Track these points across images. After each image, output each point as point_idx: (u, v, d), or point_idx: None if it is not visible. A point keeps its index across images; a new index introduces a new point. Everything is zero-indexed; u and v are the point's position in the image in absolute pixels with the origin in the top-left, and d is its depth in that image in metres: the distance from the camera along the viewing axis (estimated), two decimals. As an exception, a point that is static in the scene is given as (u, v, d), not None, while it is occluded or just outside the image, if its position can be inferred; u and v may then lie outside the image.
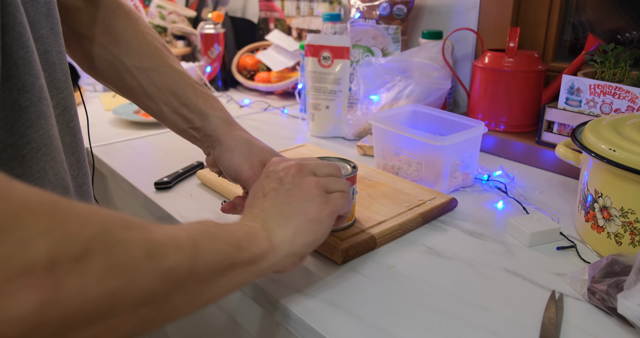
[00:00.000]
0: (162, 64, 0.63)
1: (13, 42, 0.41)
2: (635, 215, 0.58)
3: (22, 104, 0.42)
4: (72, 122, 0.52)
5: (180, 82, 0.63)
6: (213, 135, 0.63)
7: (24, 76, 0.42)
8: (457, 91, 1.20)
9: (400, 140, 0.84)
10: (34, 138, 0.44)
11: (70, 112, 0.51)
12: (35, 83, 0.43)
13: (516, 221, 0.68)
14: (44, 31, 0.47)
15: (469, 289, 0.57)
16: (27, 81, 0.42)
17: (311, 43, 1.06)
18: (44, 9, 0.46)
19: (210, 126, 0.63)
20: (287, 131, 1.17)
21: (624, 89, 0.79)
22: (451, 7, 1.17)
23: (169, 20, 1.64)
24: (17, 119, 0.42)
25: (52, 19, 0.48)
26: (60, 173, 0.48)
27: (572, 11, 1.06)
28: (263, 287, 0.58)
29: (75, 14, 0.61)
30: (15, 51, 0.41)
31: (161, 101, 0.63)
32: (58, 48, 0.49)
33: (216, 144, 0.63)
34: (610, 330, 0.51)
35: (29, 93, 0.43)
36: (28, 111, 0.43)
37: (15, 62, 0.41)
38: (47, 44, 0.47)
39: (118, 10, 0.63)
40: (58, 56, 0.49)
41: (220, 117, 0.63)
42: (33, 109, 0.43)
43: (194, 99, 0.63)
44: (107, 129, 1.17)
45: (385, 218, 0.69)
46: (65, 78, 0.50)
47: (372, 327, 0.51)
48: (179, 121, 0.64)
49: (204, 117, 0.63)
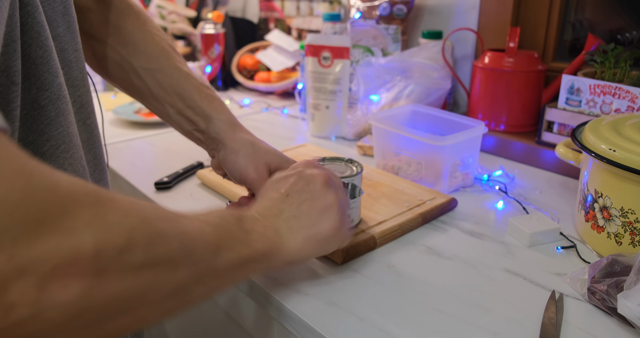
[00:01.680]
0: (169, 65, 0.63)
1: (32, 42, 0.41)
2: (635, 214, 0.58)
3: (41, 102, 0.43)
4: (88, 119, 0.52)
5: (185, 84, 0.63)
6: (217, 138, 0.63)
7: (42, 74, 0.43)
8: (457, 91, 1.20)
9: (400, 140, 0.84)
10: (53, 136, 0.44)
11: (87, 109, 0.52)
12: (54, 81, 0.44)
13: (516, 221, 0.68)
14: (61, 30, 0.47)
15: (469, 289, 0.57)
16: (45, 79, 0.43)
17: (311, 43, 1.06)
18: (61, 7, 0.47)
19: (215, 129, 0.63)
20: (287, 131, 1.17)
21: (624, 89, 0.79)
22: (451, 7, 1.17)
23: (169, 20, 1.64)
24: (37, 117, 0.43)
25: (68, 18, 0.48)
26: (79, 170, 0.48)
27: (572, 11, 1.06)
28: (263, 287, 0.58)
29: (86, 14, 0.61)
30: (34, 50, 0.42)
31: (167, 102, 0.63)
32: (74, 46, 0.49)
33: (220, 147, 0.63)
34: (610, 330, 0.51)
35: (48, 91, 0.43)
36: (47, 109, 0.43)
37: (34, 61, 0.42)
38: (64, 42, 0.48)
39: (127, 11, 0.64)
40: (75, 53, 0.49)
41: (224, 120, 0.63)
42: (52, 107, 0.43)
43: (199, 101, 0.63)
44: (107, 129, 1.17)
45: (385, 218, 0.69)
46: (82, 76, 0.51)
47: (372, 326, 0.51)
48: (184, 122, 0.64)
49: (208, 120, 0.63)
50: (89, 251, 0.27)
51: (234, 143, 0.62)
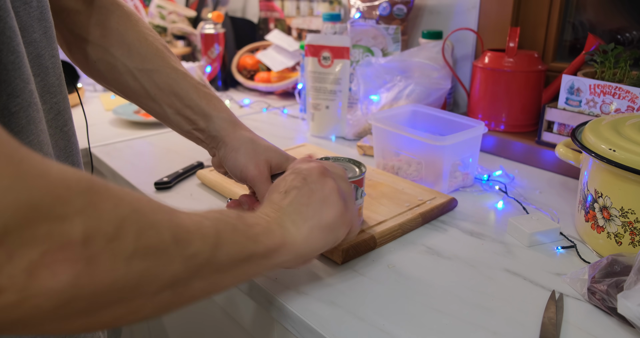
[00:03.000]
0: (164, 65, 0.63)
1: (3, 47, 0.40)
2: (635, 214, 0.58)
3: (11, 109, 0.41)
4: (65, 126, 0.51)
5: (182, 83, 0.63)
6: (217, 136, 0.63)
7: (14, 80, 0.41)
8: (457, 91, 1.20)
9: (400, 140, 0.84)
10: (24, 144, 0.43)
11: (64, 116, 0.51)
12: (26, 88, 0.42)
13: (516, 221, 0.68)
14: (37, 35, 0.46)
15: (469, 289, 0.57)
16: (17, 85, 0.41)
17: (311, 43, 1.06)
18: (37, 12, 0.46)
19: (214, 127, 0.63)
20: (287, 131, 1.17)
21: (624, 89, 0.79)
22: (451, 7, 1.17)
23: (169, 20, 1.64)
24: (7, 124, 0.41)
25: (44, 23, 0.47)
26: None
27: (572, 11, 1.06)
28: (263, 287, 0.58)
29: (75, 16, 0.60)
30: (5, 55, 0.41)
31: (164, 102, 0.63)
32: (51, 52, 0.48)
33: (221, 145, 0.63)
34: (610, 330, 0.51)
35: (19, 98, 0.42)
36: (18, 116, 0.42)
37: (5, 66, 0.41)
38: (40, 48, 0.46)
39: (118, 12, 0.63)
40: (51, 59, 0.48)
41: (224, 118, 0.63)
42: (23, 114, 0.42)
43: (197, 100, 0.63)
44: (107, 129, 1.17)
45: (385, 218, 0.69)
46: (58, 82, 0.49)
47: (372, 326, 0.51)
48: (183, 122, 0.64)
49: (207, 119, 0.63)
50: (78, 238, 0.27)
51: (235, 141, 0.62)
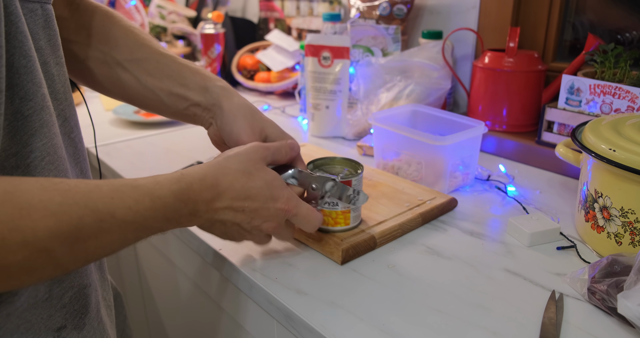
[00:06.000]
0: (152, 52, 0.64)
1: (15, 51, 0.41)
2: (635, 214, 0.58)
3: (24, 113, 0.42)
4: (72, 133, 0.52)
5: (173, 65, 0.64)
6: (215, 104, 0.63)
7: (26, 84, 0.42)
8: (457, 91, 1.20)
9: (400, 140, 0.84)
10: (37, 147, 0.43)
11: (71, 123, 0.51)
12: (38, 92, 0.43)
13: (516, 221, 0.68)
14: (42, 42, 0.47)
15: (469, 289, 0.57)
16: (29, 89, 0.42)
17: (311, 43, 1.06)
18: (42, 20, 0.46)
19: (212, 96, 0.63)
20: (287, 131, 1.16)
21: (624, 89, 0.79)
22: (451, 7, 1.17)
23: (169, 20, 1.64)
24: (20, 127, 0.42)
25: (49, 31, 0.48)
26: None
27: (572, 11, 1.06)
28: (263, 287, 0.58)
29: (63, 23, 0.61)
30: (18, 59, 0.41)
31: (157, 88, 0.64)
32: (56, 59, 0.49)
33: (218, 113, 0.63)
34: (610, 330, 0.51)
35: (32, 101, 0.43)
36: (31, 119, 0.43)
37: (18, 70, 0.41)
38: (46, 55, 0.47)
39: (99, 12, 0.64)
40: (57, 67, 0.49)
41: (221, 86, 0.64)
42: (36, 117, 0.43)
43: (191, 77, 0.64)
44: (107, 129, 1.17)
45: (385, 218, 0.69)
46: (64, 89, 0.50)
47: (372, 326, 0.51)
48: (178, 102, 0.64)
49: (204, 91, 0.64)
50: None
51: (233, 106, 0.63)
